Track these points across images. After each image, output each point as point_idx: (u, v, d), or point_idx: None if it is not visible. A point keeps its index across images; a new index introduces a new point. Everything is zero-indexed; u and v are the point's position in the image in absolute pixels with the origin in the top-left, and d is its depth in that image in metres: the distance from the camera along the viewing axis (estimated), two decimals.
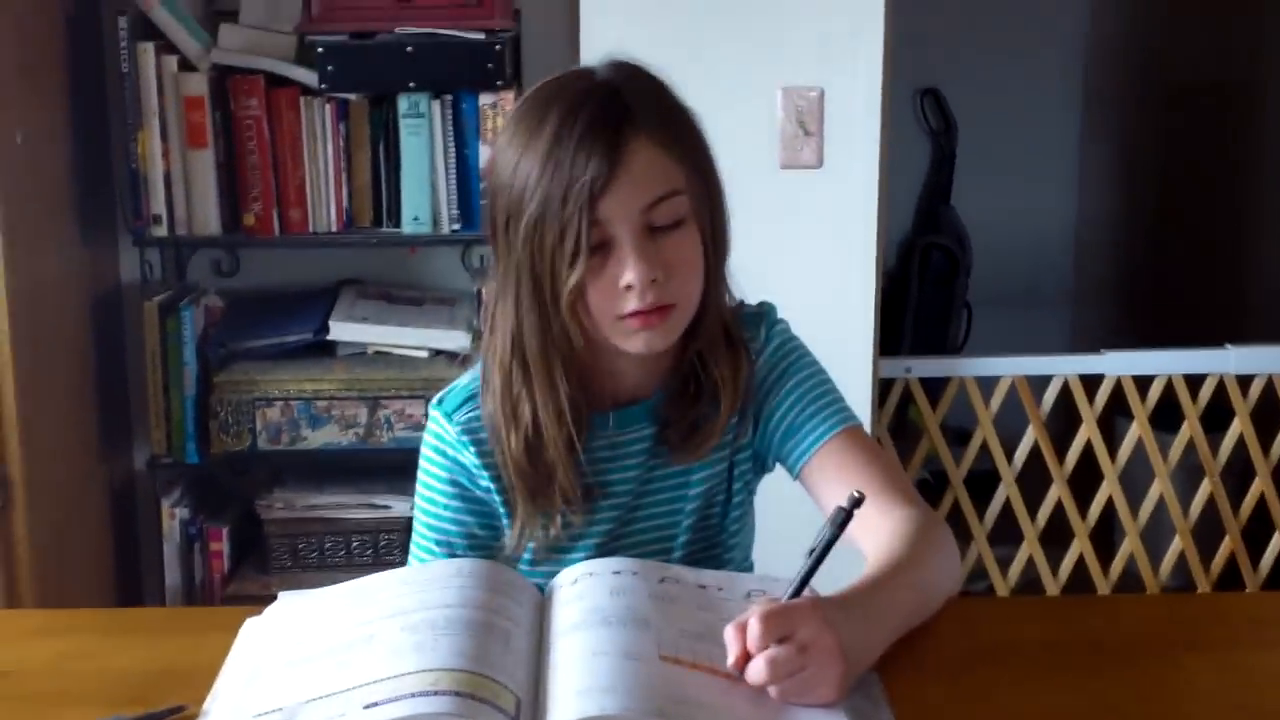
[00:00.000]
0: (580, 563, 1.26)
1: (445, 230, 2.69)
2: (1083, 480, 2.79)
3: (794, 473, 1.41)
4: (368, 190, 2.70)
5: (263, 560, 2.79)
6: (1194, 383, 2.76)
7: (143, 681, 1.16)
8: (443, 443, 1.40)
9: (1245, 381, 2.76)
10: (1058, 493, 2.78)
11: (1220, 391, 2.76)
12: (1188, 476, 2.83)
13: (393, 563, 2.63)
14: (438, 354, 2.76)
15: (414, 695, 1.00)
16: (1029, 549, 2.81)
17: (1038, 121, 4.06)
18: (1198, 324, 3.30)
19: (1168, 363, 2.76)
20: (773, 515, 1.54)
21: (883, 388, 2.68)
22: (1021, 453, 2.77)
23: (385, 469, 2.77)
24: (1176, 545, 2.82)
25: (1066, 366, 2.76)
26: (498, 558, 1.36)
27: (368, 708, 0.99)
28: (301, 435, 2.70)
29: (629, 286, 1.27)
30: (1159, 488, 2.80)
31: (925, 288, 3.94)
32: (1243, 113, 3.58)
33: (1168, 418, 2.79)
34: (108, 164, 2.81)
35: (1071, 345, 3.99)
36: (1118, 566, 2.83)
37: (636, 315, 1.29)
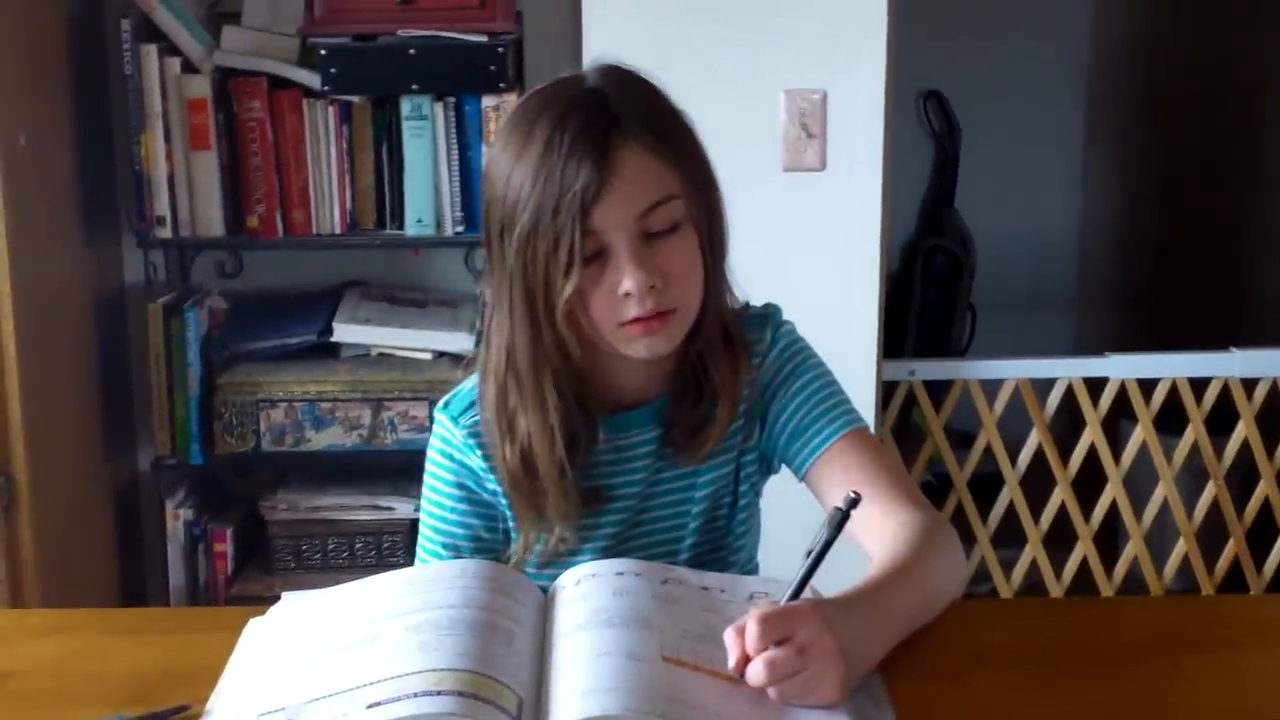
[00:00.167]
0: (584, 564, 1.26)
1: (448, 232, 2.69)
2: (1086, 483, 2.79)
3: (800, 474, 1.41)
4: (371, 192, 2.70)
5: (266, 561, 2.79)
6: (1198, 386, 2.75)
7: (146, 681, 1.16)
8: (449, 446, 1.40)
9: (1250, 385, 2.76)
10: (1061, 495, 2.78)
11: (1225, 395, 2.75)
12: (1192, 479, 2.83)
13: (396, 564, 2.63)
14: (441, 356, 2.76)
15: (417, 695, 1.00)
16: (1032, 551, 2.81)
17: (1041, 124, 4.06)
18: (1202, 327, 3.30)
19: (1172, 366, 2.76)
20: (778, 517, 1.54)
21: (886, 390, 2.69)
22: (1025, 456, 2.77)
23: (389, 470, 2.77)
24: (1180, 548, 2.82)
25: (1070, 369, 2.76)
26: (504, 561, 1.36)
27: (371, 707, 0.99)
28: (305, 437, 2.70)
29: (628, 294, 1.27)
30: (1163, 491, 2.80)
31: (929, 290, 3.94)
32: (1246, 116, 3.58)
33: (1172, 421, 2.79)
34: (111, 166, 2.82)
35: (1075, 348, 3.98)
36: (1121, 569, 2.83)
37: (637, 322, 1.29)
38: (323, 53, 2.61)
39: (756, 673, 1.07)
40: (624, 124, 1.27)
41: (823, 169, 2.53)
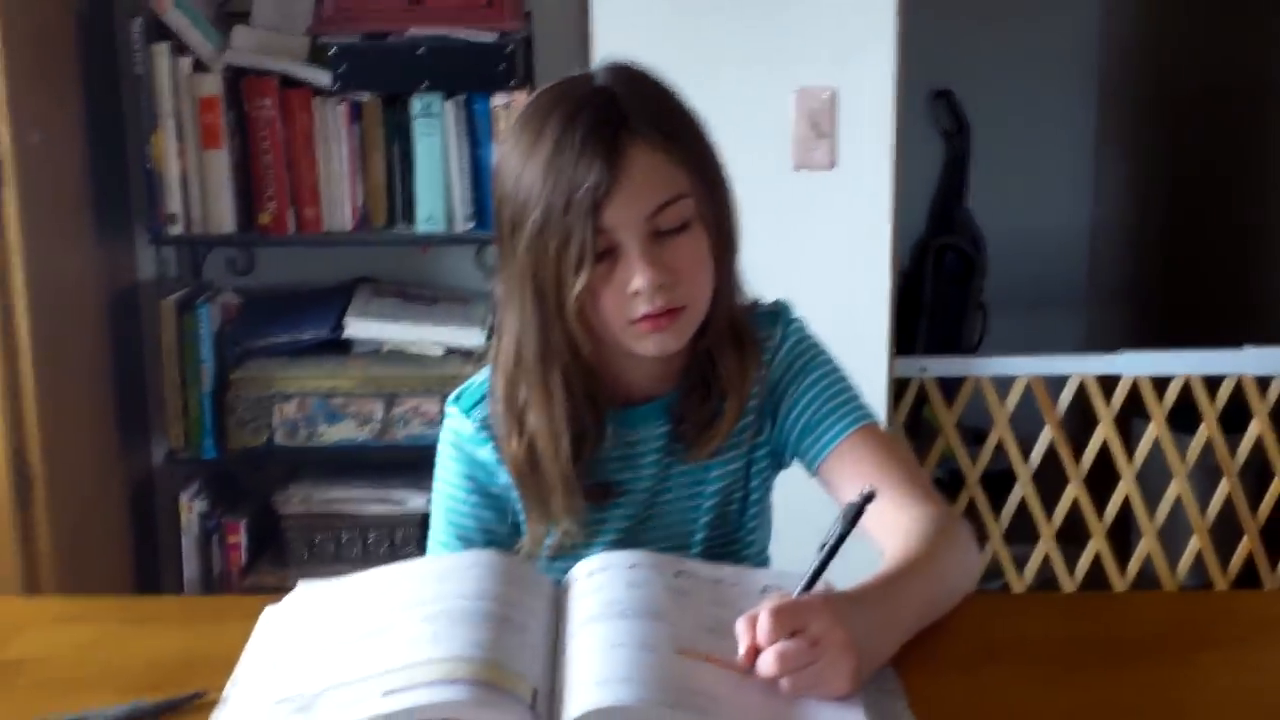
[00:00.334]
0: (596, 556, 1.26)
1: (459, 229, 2.70)
2: (1099, 480, 2.79)
3: (811, 469, 1.41)
4: (382, 190, 2.71)
5: (280, 554, 2.80)
6: (1212, 383, 2.75)
7: (163, 668, 1.17)
8: (460, 438, 1.41)
9: (1263, 382, 2.75)
10: (1074, 492, 2.78)
11: (1238, 392, 2.75)
12: (1205, 476, 2.82)
13: (408, 557, 2.59)
14: (452, 352, 2.77)
15: (431, 684, 1.00)
16: (1045, 548, 2.81)
17: (1051, 123, 4.06)
18: (1215, 324, 3.29)
19: (1185, 363, 2.75)
20: (789, 511, 1.54)
21: (898, 387, 2.68)
22: (1038, 453, 2.76)
23: (400, 465, 2.78)
24: (1194, 545, 2.82)
25: (1083, 366, 2.76)
26: (515, 553, 1.36)
27: (386, 695, 0.99)
28: (318, 431, 2.71)
29: (637, 292, 1.28)
30: (1176, 488, 2.79)
31: (940, 288, 3.94)
32: (1257, 115, 3.57)
33: (1185, 418, 2.78)
34: (123, 164, 2.83)
35: (1087, 346, 3.98)
36: (1134, 566, 2.82)
37: (646, 319, 1.29)
38: (333, 51, 2.62)
39: (768, 664, 1.07)
40: (633, 123, 1.27)
41: (833, 167, 2.53)
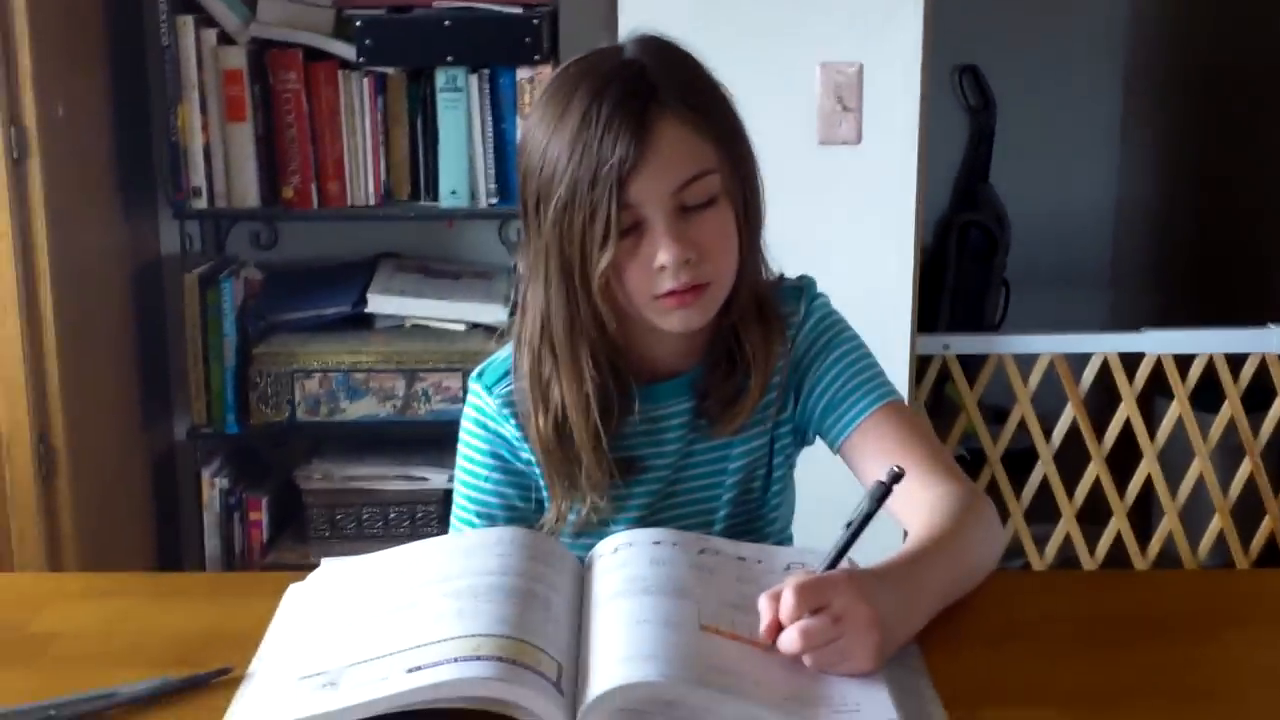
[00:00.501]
0: (620, 533, 1.26)
1: (482, 204, 2.70)
2: (1121, 459, 2.78)
3: (835, 447, 1.41)
4: (405, 164, 2.71)
5: (301, 530, 2.81)
6: (1235, 362, 2.73)
7: (189, 644, 1.18)
8: (483, 415, 1.41)
9: None
10: (1096, 471, 2.77)
11: (1262, 370, 2.73)
12: (1228, 456, 2.81)
13: (429, 534, 2.63)
14: (475, 327, 2.77)
15: (457, 660, 1.00)
16: (1066, 527, 2.80)
17: (1077, 99, 4.03)
18: (1239, 303, 3.27)
19: (1209, 341, 2.74)
20: (812, 488, 1.54)
21: (920, 364, 2.68)
22: (1060, 431, 2.75)
23: (422, 441, 2.78)
24: (1215, 524, 2.81)
25: (1106, 345, 2.75)
26: (538, 530, 1.37)
27: (411, 671, 1.00)
28: (340, 407, 2.71)
29: (663, 267, 1.27)
30: (1198, 467, 2.78)
31: (963, 265, 3.92)
32: None
33: (1208, 397, 2.77)
34: (148, 137, 2.83)
35: (1110, 324, 3.96)
36: (1156, 545, 2.82)
37: (672, 295, 1.29)
38: (358, 24, 2.61)
39: (791, 641, 1.07)
40: (662, 96, 1.27)
41: (858, 142, 2.52)
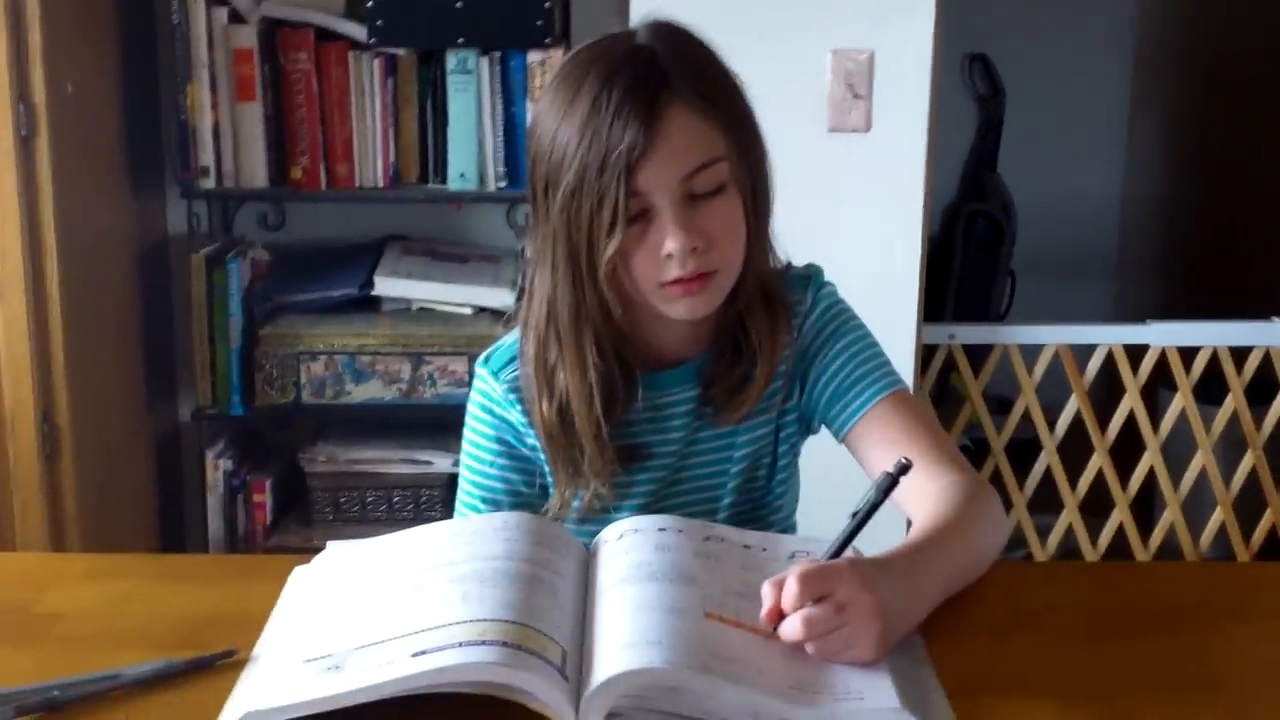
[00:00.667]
0: (625, 519, 1.26)
1: (491, 188, 2.70)
2: (1124, 450, 2.78)
3: (840, 436, 1.41)
4: (415, 146, 2.71)
5: (305, 513, 2.81)
6: (1239, 354, 2.73)
7: (193, 626, 1.18)
8: (489, 400, 1.41)
9: None
10: (1099, 462, 2.77)
11: (1266, 364, 2.73)
12: (1231, 448, 2.81)
13: (434, 518, 2.65)
14: (481, 311, 2.77)
15: (461, 645, 1.00)
16: (1069, 518, 2.80)
17: (1085, 89, 4.02)
18: (1244, 296, 3.27)
19: (1213, 334, 2.73)
20: (816, 477, 1.54)
21: (926, 354, 2.68)
22: (1063, 422, 2.76)
23: (427, 425, 2.78)
24: (1217, 517, 2.81)
25: (1111, 336, 2.75)
26: (543, 516, 1.37)
27: (416, 655, 1.00)
28: (345, 390, 2.72)
29: (670, 255, 1.27)
30: (1201, 459, 2.78)
31: (969, 255, 3.92)
32: None
33: (1212, 389, 2.77)
34: (157, 116, 2.83)
35: (1116, 315, 3.96)
36: (1157, 537, 2.82)
37: (678, 283, 1.29)
38: (369, 5, 2.61)
39: (794, 629, 1.07)
40: (673, 83, 1.26)
41: (868, 130, 2.51)
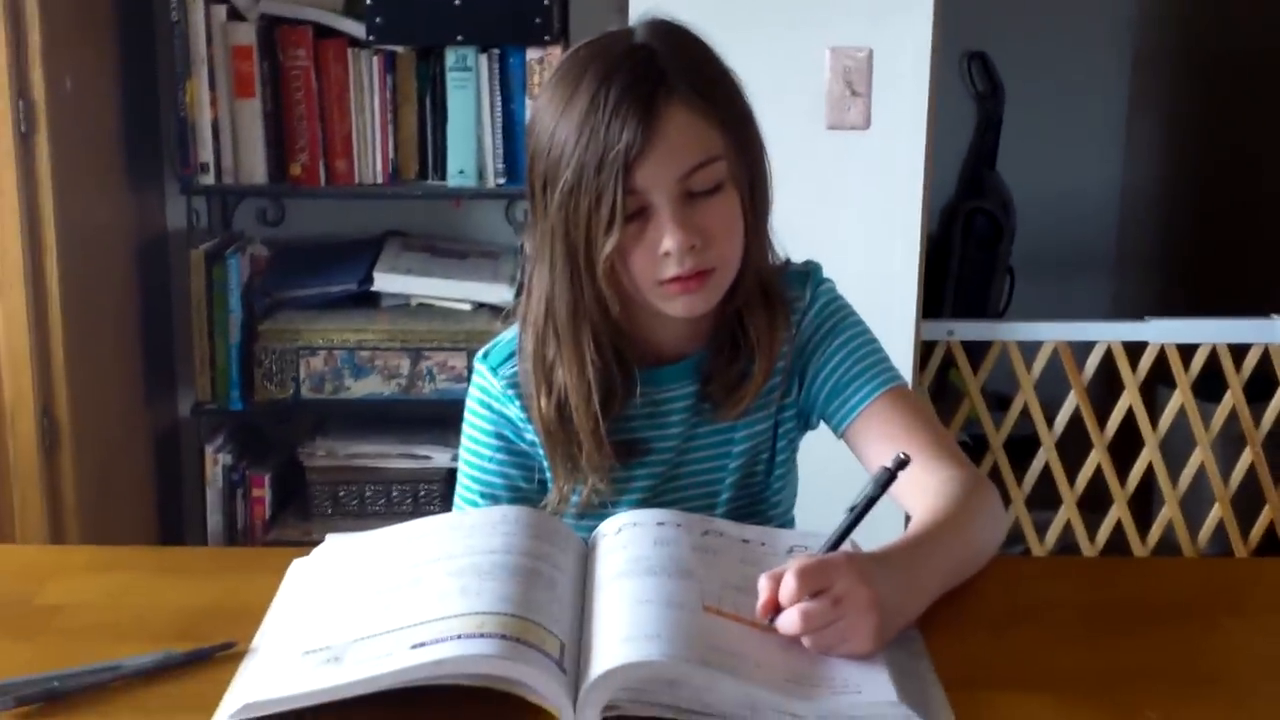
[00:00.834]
0: (624, 513, 1.27)
1: (490, 184, 2.70)
2: (1123, 447, 2.78)
3: (838, 432, 1.41)
4: (413, 143, 2.71)
5: (304, 507, 2.82)
6: (1238, 352, 2.73)
7: (193, 618, 1.18)
8: (488, 395, 1.41)
9: None
10: (1097, 458, 2.77)
11: (1265, 361, 2.73)
12: (1229, 445, 2.81)
13: (432, 512, 2.61)
14: (480, 307, 2.77)
15: (460, 637, 1.01)
16: (1067, 513, 2.80)
17: (1084, 87, 4.02)
18: (1243, 293, 3.27)
19: (1212, 331, 2.74)
20: (815, 472, 1.54)
21: (925, 350, 2.68)
22: (1062, 418, 2.76)
23: (426, 420, 2.79)
24: (1215, 513, 2.81)
25: (1109, 333, 2.75)
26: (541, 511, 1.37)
27: (414, 648, 1.00)
28: (344, 385, 2.72)
29: (668, 253, 1.27)
30: (1199, 456, 2.78)
31: (968, 252, 3.92)
32: None
33: (1210, 386, 2.77)
34: (156, 112, 2.83)
35: (1114, 312, 3.96)
36: (1156, 534, 2.82)
37: (676, 280, 1.29)
38: (368, 2, 2.61)
39: (791, 622, 1.08)
40: (671, 81, 1.26)
41: (867, 128, 2.51)
